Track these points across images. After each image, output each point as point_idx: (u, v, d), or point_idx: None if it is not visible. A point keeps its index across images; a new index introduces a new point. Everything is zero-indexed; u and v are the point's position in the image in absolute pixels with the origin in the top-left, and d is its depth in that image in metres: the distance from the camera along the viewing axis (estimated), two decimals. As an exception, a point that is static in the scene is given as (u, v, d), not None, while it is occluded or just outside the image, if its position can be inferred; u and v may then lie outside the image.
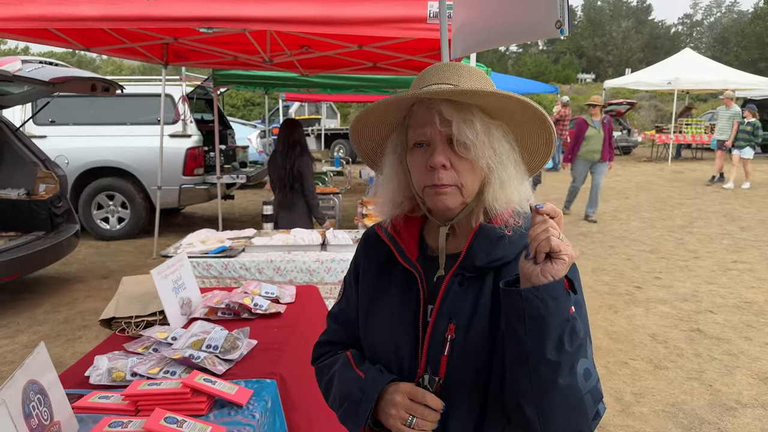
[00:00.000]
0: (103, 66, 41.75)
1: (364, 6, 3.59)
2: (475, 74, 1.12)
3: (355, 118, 1.15)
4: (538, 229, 0.93)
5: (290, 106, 19.05)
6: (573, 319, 0.93)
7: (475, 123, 1.04)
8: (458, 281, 1.09)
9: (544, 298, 0.91)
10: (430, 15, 3.52)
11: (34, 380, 1.36)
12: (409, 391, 1.07)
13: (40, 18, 3.61)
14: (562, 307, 0.92)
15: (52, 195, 5.56)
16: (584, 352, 0.95)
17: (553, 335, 0.91)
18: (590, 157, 8.82)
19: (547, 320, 0.91)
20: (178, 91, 7.95)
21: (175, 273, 2.34)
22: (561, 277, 0.93)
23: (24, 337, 4.43)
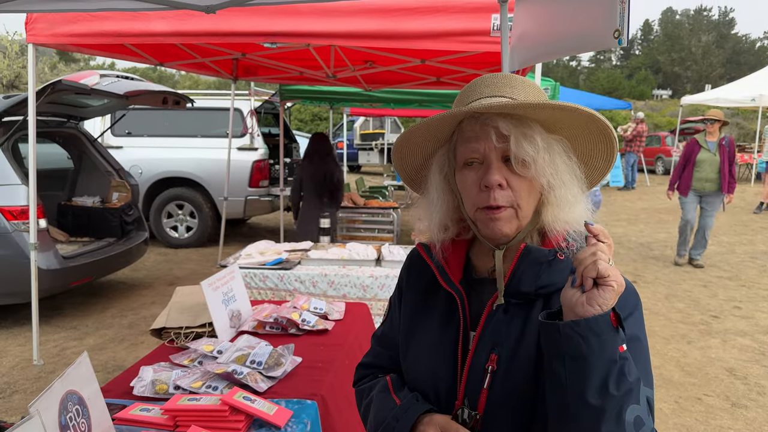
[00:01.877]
0: (182, 81, 43.94)
1: (427, 20, 3.55)
2: (529, 86, 1.03)
3: (400, 136, 1.07)
4: (585, 252, 0.84)
5: (355, 120, 19.29)
6: (622, 360, 0.82)
7: (535, 138, 0.95)
8: (503, 308, 1.00)
9: (585, 335, 0.81)
10: (494, 28, 3.43)
11: (74, 391, 1.36)
12: (443, 424, 0.99)
13: (115, 34, 3.79)
14: (607, 345, 0.81)
15: (124, 203, 5.81)
16: (635, 397, 0.82)
17: (596, 377, 0.81)
18: (700, 187, 6.94)
19: (589, 360, 0.81)
20: (246, 105, 8.19)
21: (226, 285, 2.34)
22: (608, 309, 0.82)
23: (91, 340, 4.62)
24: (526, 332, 0.97)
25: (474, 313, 1.03)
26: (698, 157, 6.88)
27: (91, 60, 31.14)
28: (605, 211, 11.41)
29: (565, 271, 0.96)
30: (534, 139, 0.95)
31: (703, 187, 6.90)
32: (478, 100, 1.00)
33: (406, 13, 3.58)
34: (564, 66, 73.13)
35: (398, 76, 6.21)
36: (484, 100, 0.99)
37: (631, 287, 0.97)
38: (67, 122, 5.75)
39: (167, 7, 2.25)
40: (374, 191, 9.44)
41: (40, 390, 3.73)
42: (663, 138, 19.65)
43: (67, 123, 5.75)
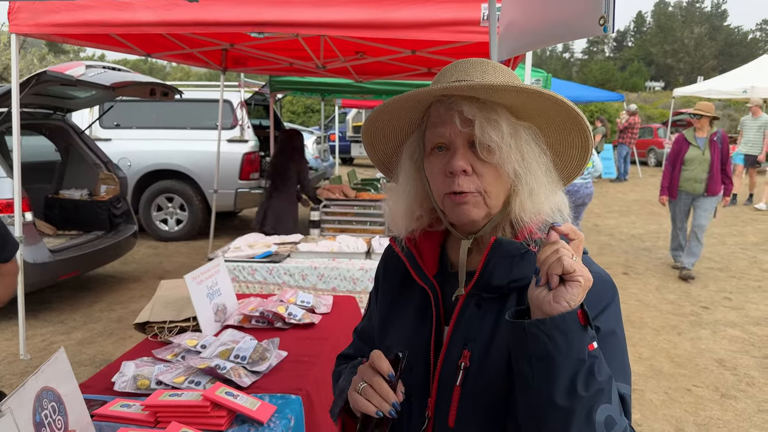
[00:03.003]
0: (172, 73, 43.59)
1: (417, 9, 3.51)
2: (502, 70, 0.99)
3: (367, 119, 1.04)
4: (547, 250, 0.81)
5: (347, 112, 19.20)
6: (592, 359, 0.79)
7: (501, 123, 0.92)
8: (475, 302, 0.97)
9: (551, 334, 0.78)
10: (484, 18, 3.40)
11: (50, 387, 1.33)
12: (379, 354, 0.96)
13: (100, 23, 3.72)
14: (574, 344, 0.78)
15: (112, 196, 5.74)
16: (606, 396, 0.79)
17: (564, 377, 0.78)
18: (690, 188, 6.21)
19: (556, 360, 0.78)
20: (236, 96, 8.11)
21: (210, 278, 2.31)
22: (576, 306, 0.79)
23: (79, 334, 4.57)
24: (500, 327, 0.94)
25: (448, 307, 1.00)
26: (687, 156, 6.17)
27: (81, 51, 30.82)
28: (597, 203, 11.45)
29: None
30: (499, 124, 0.92)
31: (693, 188, 6.19)
32: (448, 84, 0.97)
33: (395, 2, 3.54)
34: (557, 58, 73.09)
35: (389, 67, 6.16)
36: (452, 83, 0.96)
37: (607, 279, 0.94)
38: (54, 114, 5.67)
39: (149, -6, 2.20)
40: (366, 183, 9.39)
41: (26, 385, 3.69)
42: (655, 130, 19.68)
43: (53, 115, 5.67)
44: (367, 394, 0.93)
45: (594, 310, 0.87)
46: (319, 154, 13.14)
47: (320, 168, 11.59)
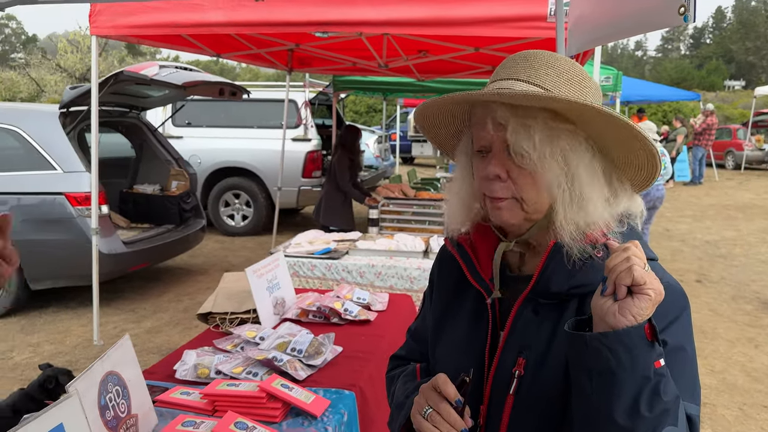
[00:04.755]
0: (242, 74, 45.03)
1: (481, 5, 3.46)
2: (556, 65, 0.91)
3: (415, 112, 1.02)
4: (617, 258, 0.76)
5: (409, 112, 19.20)
6: (658, 377, 0.74)
7: (534, 130, 0.87)
8: (532, 308, 0.93)
9: (615, 349, 0.74)
10: (551, 13, 3.30)
11: (115, 372, 1.39)
12: (444, 379, 0.92)
13: (173, 24, 3.87)
14: (639, 361, 0.73)
15: (182, 191, 5.99)
16: (672, 417, 0.74)
17: (626, 395, 0.74)
18: None
19: (619, 376, 0.74)
20: (301, 96, 8.27)
21: (270, 272, 2.35)
22: (643, 321, 0.74)
23: (148, 323, 4.79)
24: (558, 335, 0.89)
25: (504, 312, 0.97)
26: None
27: (157, 53, 32.38)
28: (669, 206, 10.91)
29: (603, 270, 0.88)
30: (531, 130, 0.87)
31: None
32: (494, 83, 0.94)
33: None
34: (628, 55, 70.32)
35: (451, 66, 6.10)
36: (497, 83, 0.93)
37: (678, 289, 0.88)
38: (129, 112, 5.97)
39: (217, -5, 2.26)
40: (426, 183, 9.35)
41: (99, 368, 3.90)
42: (734, 131, 18.55)
43: (129, 113, 5.96)
44: (434, 420, 0.91)
45: (661, 322, 0.81)
46: (379, 153, 13.21)
47: (380, 167, 11.65)
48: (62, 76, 24.34)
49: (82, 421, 1.18)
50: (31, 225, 4.72)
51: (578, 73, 0.92)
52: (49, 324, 4.74)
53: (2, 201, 4.74)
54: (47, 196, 4.73)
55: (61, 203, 4.71)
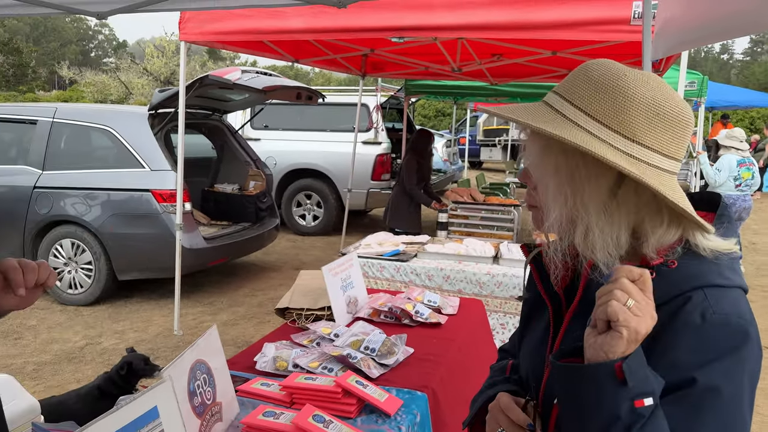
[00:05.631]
0: (315, 78, 46.11)
1: (561, 9, 3.40)
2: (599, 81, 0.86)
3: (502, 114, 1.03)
4: (605, 288, 0.75)
5: (479, 116, 19.01)
6: (634, 416, 0.72)
7: (532, 146, 0.91)
8: (581, 321, 0.90)
9: (579, 382, 0.75)
10: (635, 15, 3.20)
11: (203, 360, 1.48)
12: (506, 403, 0.98)
13: (256, 31, 4.04)
14: (605, 397, 0.73)
15: (259, 191, 6.23)
16: None
17: (591, 428, 0.75)
18: None
19: (585, 409, 0.75)
20: (373, 100, 8.39)
21: (344, 271, 2.41)
22: (614, 358, 0.72)
23: (224, 316, 5.00)
24: None
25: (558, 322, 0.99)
26: None
27: (235, 58, 33.72)
28: (756, 218, 10.23)
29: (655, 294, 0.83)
30: (531, 145, 0.91)
31: None
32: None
33: (537, 2, 3.45)
34: (713, 59, 66.50)
35: (527, 69, 6.01)
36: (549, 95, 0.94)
37: (734, 325, 0.79)
38: (212, 115, 6.26)
39: (301, 2, 2.35)
40: (495, 188, 9.24)
41: (179, 357, 4.12)
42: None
43: (212, 115, 6.26)
44: None
45: (699, 357, 0.77)
46: (448, 157, 13.16)
47: (449, 171, 11.60)
48: (148, 79, 25.81)
49: (173, 405, 1.26)
50: (120, 219, 5.05)
51: (625, 89, 0.84)
52: (133, 313, 5.05)
53: (94, 196, 5.10)
54: (135, 193, 5.04)
55: (147, 200, 5.01)
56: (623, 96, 0.84)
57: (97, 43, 69.96)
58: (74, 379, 3.78)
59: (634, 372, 0.73)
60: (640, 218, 0.88)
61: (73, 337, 4.51)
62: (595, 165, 0.84)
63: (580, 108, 0.86)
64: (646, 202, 0.87)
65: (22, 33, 44.15)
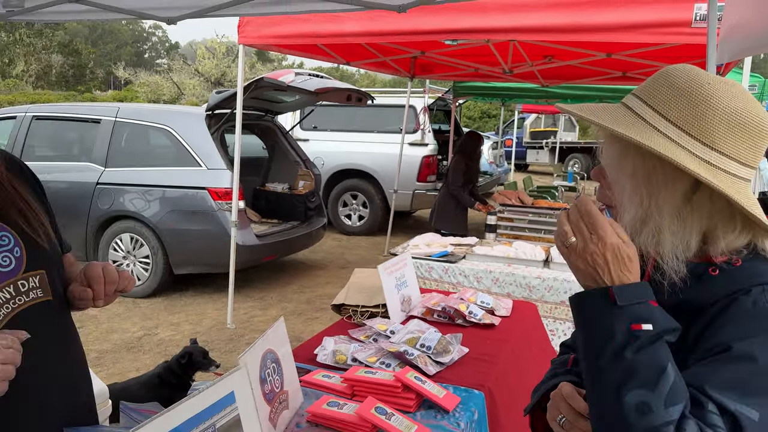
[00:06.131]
0: (360, 80, 46.45)
1: (618, 11, 3.36)
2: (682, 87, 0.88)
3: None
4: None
5: (526, 117, 18.79)
6: (627, 336, 0.80)
7: (610, 147, 0.94)
8: None
9: (580, 307, 0.87)
10: (696, 18, 3.14)
11: (272, 350, 1.55)
12: (568, 391, 1.01)
13: (312, 35, 4.15)
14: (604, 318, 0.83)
15: (308, 191, 6.36)
16: (643, 382, 0.79)
17: (588, 346, 0.86)
18: None
19: (588, 331, 0.86)
20: (420, 102, 8.43)
21: (398, 270, 2.46)
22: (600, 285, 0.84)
23: (274, 311, 5.14)
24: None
25: None
26: None
27: (283, 60, 34.31)
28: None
29: (715, 289, 0.88)
30: (608, 148, 0.94)
31: None
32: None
33: (593, 5, 3.42)
34: (776, 59, 63.56)
35: (579, 71, 5.94)
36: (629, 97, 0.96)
37: None
38: (265, 116, 6.43)
39: (362, 7, 2.42)
40: (542, 191, 9.13)
41: (232, 350, 4.25)
42: None
43: (264, 116, 6.42)
44: (568, 428, 1.00)
45: (740, 332, 0.83)
46: (494, 160, 13.06)
47: (495, 173, 11.53)
48: (199, 80, 26.56)
49: (248, 390, 1.33)
50: (177, 216, 5.25)
51: (707, 97, 0.86)
52: (188, 306, 5.24)
53: (153, 193, 5.31)
54: (192, 190, 5.23)
55: (203, 197, 5.19)
56: (705, 104, 0.86)
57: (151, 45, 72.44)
58: (134, 368, 3.96)
59: (626, 296, 0.81)
60: (713, 224, 0.90)
61: (132, 327, 4.72)
62: (672, 170, 0.87)
63: (660, 113, 0.89)
64: (720, 208, 0.89)
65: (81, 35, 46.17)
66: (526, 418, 1.25)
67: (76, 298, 1.24)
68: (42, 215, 1.24)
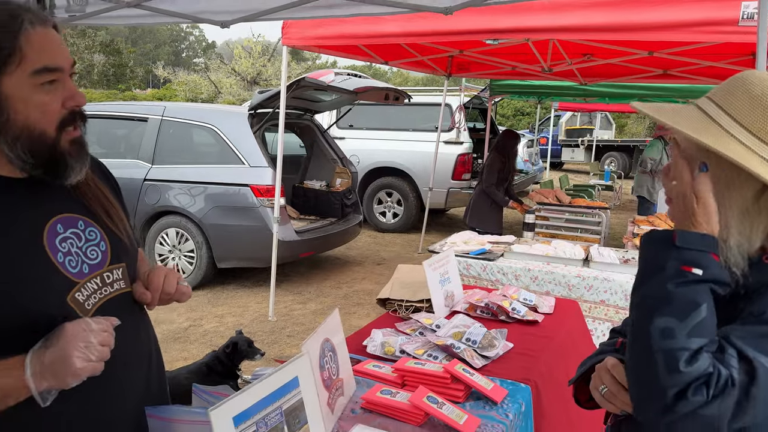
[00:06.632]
0: (393, 78, 46.48)
1: (661, 10, 3.35)
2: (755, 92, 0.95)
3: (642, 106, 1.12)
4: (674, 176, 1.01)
5: (561, 115, 18.56)
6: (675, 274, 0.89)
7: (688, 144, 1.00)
8: None
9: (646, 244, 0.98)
10: (744, 16, 3.10)
11: (328, 339, 1.63)
12: (614, 363, 1.07)
13: (353, 36, 4.24)
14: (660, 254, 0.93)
15: (345, 188, 6.46)
16: (673, 311, 0.88)
17: (640, 272, 0.97)
18: None
19: (645, 263, 0.97)
20: (456, 101, 8.45)
21: (442, 267, 2.52)
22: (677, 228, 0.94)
23: (313, 305, 5.26)
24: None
25: None
26: None
27: (317, 59, 34.59)
28: None
29: None
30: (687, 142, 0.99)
31: None
32: None
33: (635, 3, 3.41)
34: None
35: (619, 69, 5.88)
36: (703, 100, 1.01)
37: None
38: (304, 115, 6.56)
39: (409, 10, 2.48)
40: (579, 190, 9.05)
41: (275, 341, 4.38)
42: None
43: (304, 115, 6.55)
44: (609, 398, 1.07)
45: None
46: (528, 158, 12.98)
47: (530, 171, 11.46)
48: (236, 79, 26.95)
49: (310, 376, 1.41)
50: (221, 211, 5.41)
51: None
52: (230, 299, 5.40)
53: (197, 189, 5.48)
54: (235, 187, 5.38)
55: (245, 194, 5.33)
56: None
57: (188, 44, 73.87)
58: (181, 357, 4.12)
59: (688, 242, 0.91)
60: None
61: (178, 318, 4.89)
62: (744, 174, 0.93)
63: (735, 119, 0.95)
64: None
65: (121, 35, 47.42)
66: (569, 413, 1.31)
67: (135, 297, 1.34)
68: (122, 213, 1.35)
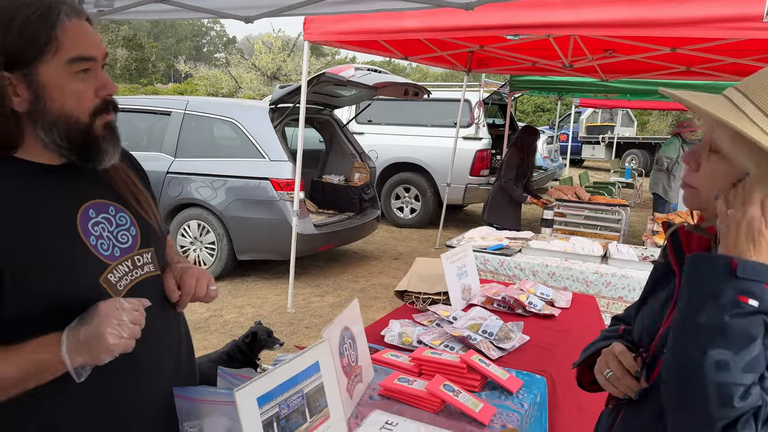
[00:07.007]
0: (412, 74, 46.39)
1: (684, 5, 3.33)
2: None
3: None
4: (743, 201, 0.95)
5: (582, 112, 18.39)
6: (730, 305, 0.87)
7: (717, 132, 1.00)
8: None
9: (699, 265, 0.94)
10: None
11: (348, 327, 1.68)
12: (620, 349, 1.10)
13: (374, 31, 4.27)
14: (715, 280, 0.90)
15: (363, 183, 6.51)
16: (728, 343, 0.86)
17: (693, 302, 0.92)
18: None
19: (697, 287, 0.93)
20: (475, 96, 8.43)
21: (460, 260, 2.56)
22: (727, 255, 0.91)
23: (330, 298, 5.32)
24: None
25: None
26: None
27: (336, 54, 34.67)
28: None
29: None
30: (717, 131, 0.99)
31: None
32: None
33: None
34: None
35: (641, 65, 5.84)
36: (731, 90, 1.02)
37: None
38: (324, 110, 6.61)
39: (431, 5, 2.50)
40: (599, 187, 9.00)
41: (293, 332, 4.45)
42: None
43: (323, 110, 6.61)
44: (614, 382, 1.11)
45: None
46: (548, 155, 12.89)
47: (549, 168, 11.40)
48: (256, 74, 27.14)
49: (331, 362, 1.46)
50: (241, 204, 5.49)
51: None
52: (250, 290, 5.48)
53: (219, 182, 5.56)
54: (255, 181, 5.46)
55: (265, 187, 5.40)
56: None
57: (209, 39, 74.47)
58: (202, 346, 4.21)
59: (749, 272, 0.88)
60: None
61: (199, 308, 4.98)
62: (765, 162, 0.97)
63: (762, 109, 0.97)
64: None
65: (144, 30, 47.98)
66: (583, 407, 1.34)
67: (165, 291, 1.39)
68: (150, 200, 1.41)
